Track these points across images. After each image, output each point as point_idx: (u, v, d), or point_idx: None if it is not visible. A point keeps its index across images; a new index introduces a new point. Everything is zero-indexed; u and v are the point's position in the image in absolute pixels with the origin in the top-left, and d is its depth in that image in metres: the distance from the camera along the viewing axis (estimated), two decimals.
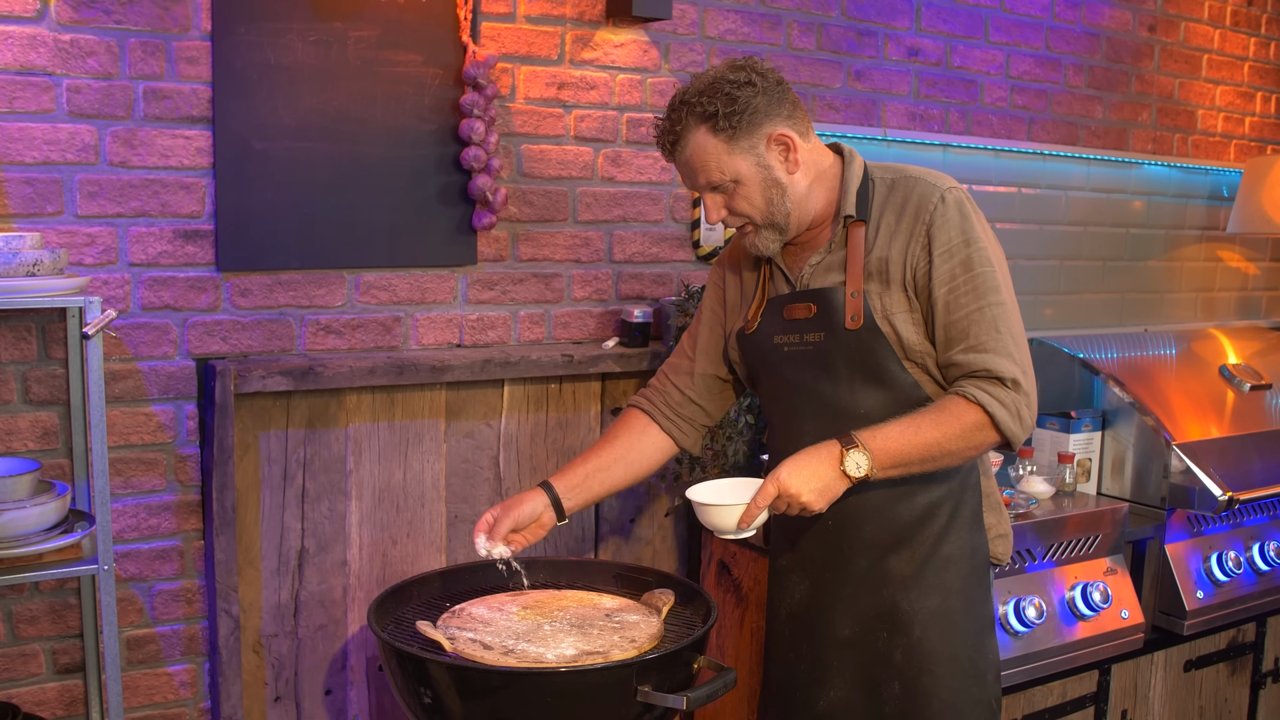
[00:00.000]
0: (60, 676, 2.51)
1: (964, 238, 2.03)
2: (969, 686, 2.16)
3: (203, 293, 2.57)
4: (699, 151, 2.07)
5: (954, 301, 2.02)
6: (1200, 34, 4.33)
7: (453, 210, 2.82)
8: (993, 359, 1.99)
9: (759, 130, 2.05)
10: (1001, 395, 1.98)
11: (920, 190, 2.08)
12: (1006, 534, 2.26)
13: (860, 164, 2.15)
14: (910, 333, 2.06)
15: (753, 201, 2.09)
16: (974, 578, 2.17)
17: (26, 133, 2.36)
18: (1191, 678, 3.41)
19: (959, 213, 2.05)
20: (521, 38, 2.89)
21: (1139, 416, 3.41)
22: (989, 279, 2.02)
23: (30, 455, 2.41)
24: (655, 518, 3.15)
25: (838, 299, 2.10)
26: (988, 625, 2.20)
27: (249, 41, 2.54)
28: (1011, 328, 2.02)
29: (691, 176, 2.13)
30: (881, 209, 2.11)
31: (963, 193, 2.09)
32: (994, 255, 2.06)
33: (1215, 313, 4.58)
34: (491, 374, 2.78)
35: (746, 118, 2.03)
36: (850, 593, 2.20)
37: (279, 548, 2.66)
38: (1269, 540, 3.54)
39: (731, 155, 2.05)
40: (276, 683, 2.69)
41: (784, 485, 1.97)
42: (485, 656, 2.13)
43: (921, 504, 2.14)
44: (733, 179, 2.07)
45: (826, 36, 3.37)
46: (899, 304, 2.06)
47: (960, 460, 2.04)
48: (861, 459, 1.97)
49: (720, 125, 2.03)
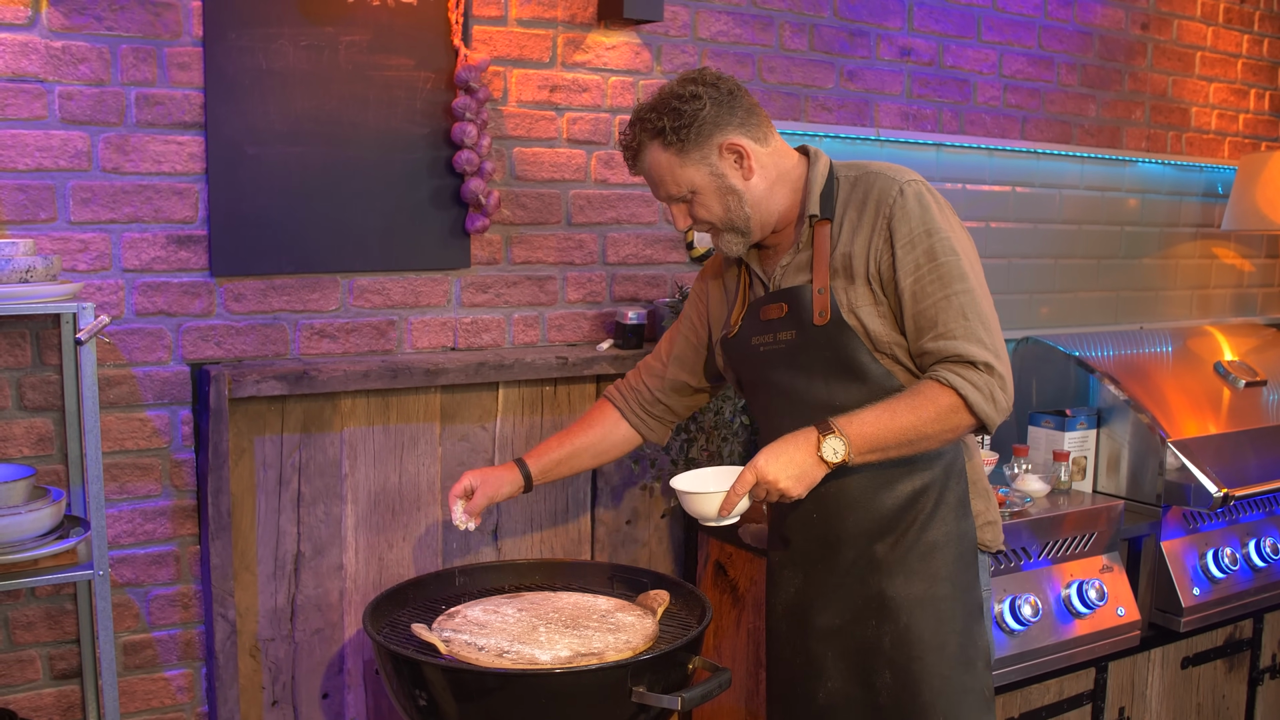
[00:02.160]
0: (57, 682, 2.52)
1: (925, 228, 2.06)
2: (959, 674, 2.17)
3: (196, 298, 2.57)
4: (655, 166, 2.16)
5: (920, 291, 2.05)
6: (1193, 31, 4.33)
7: (446, 214, 2.83)
8: (963, 344, 2.02)
9: (709, 141, 2.11)
10: (974, 378, 2.00)
11: (880, 184, 2.12)
12: (995, 521, 2.27)
13: (825, 164, 2.20)
14: (877, 325, 2.10)
15: (710, 209, 2.16)
16: (961, 564, 2.18)
17: (19, 140, 2.36)
18: (1189, 675, 3.41)
19: (919, 204, 2.08)
20: (513, 41, 2.89)
21: (1134, 414, 3.42)
22: (954, 267, 2.05)
23: (25, 461, 2.41)
24: (651, 519, 3.15)
25: (805, 296, 2.14)
26: (976, 612, 2.21)
27: (240, 47, 2.54)
28: (981, 313, 2.05)
29: (653, 188, 2.21)
30: (845, 206, 2.15)
31: (923, 185, 2.12)
32: (959, 243, 2.08)
33: (1210, 310, 4.59)
34: (486, 377, 2.79)
35: (694, 130, 2.09)
36: (838, 582, 2.22)
37: (275, 552, 2.67)
38: (1265, 536, 3.55)
39: (684, 168, 2.13)
40: (273, 687, 2.70)
41: (762, 472, 2.01)
42: (480, 659, 2.13)
43: (905, 491, 2.16)
44: (689, 189, 2.15)
45: (818, 37, 3.37)
46: (864, 298, 2.10)
47: (938, 444, 2.07)
48: (838, 444, 1.99)
49: (669, 140, 2.11)
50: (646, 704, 2.10)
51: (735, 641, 2.94)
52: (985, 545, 2.24)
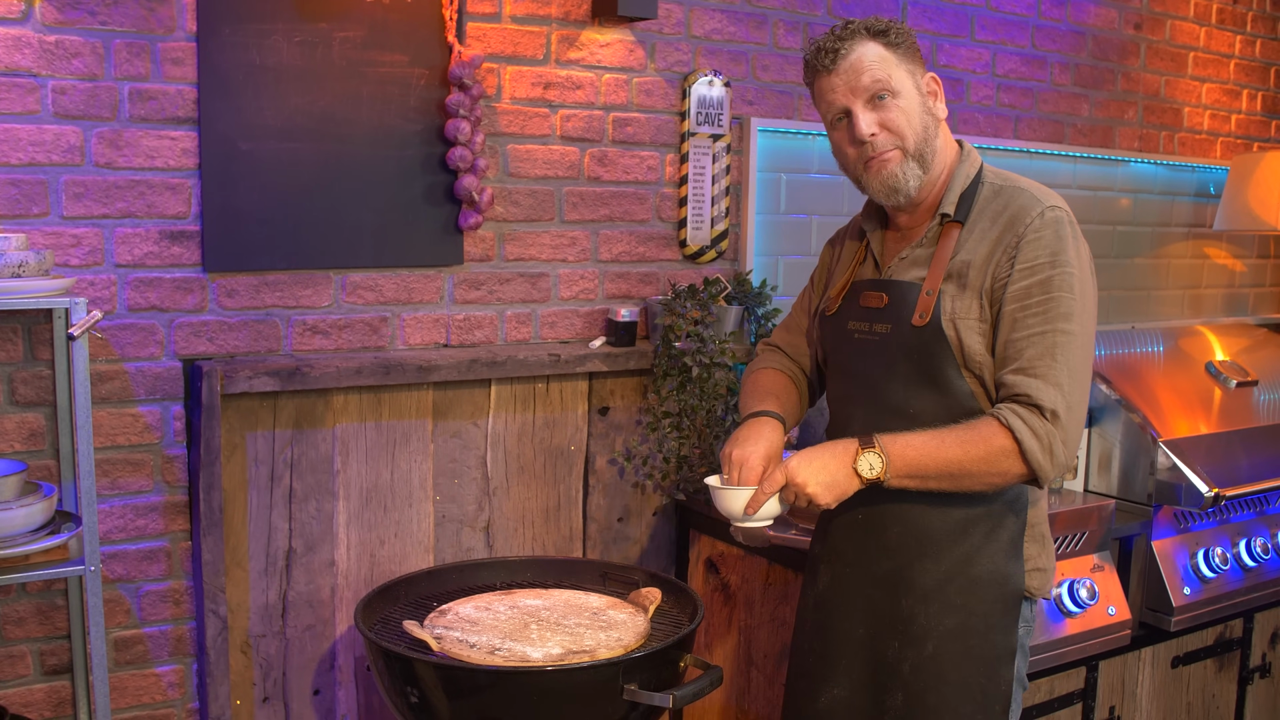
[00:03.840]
0: (48, 678, 2.51)
1: (1052, 258, 1.97)
2: (974, 714, 2.09)
3: (189, 293, 2.57)
4: (864, 58, 2.02)
5: (1020, 319, 1.96)
6: (1186, 31, 4.34)
7: (439, 210, 2.83)
8: (1039, 386, 1.92)
9: (919, 62, 2.07)
10: (1036, 425, 1.91)
11: (1022, 201, 2.04)
12: (1046, 569, 2.15)
13: (975, 164, 2.13)
14: (973, 341, 2.01)
15: (910, 118, 2.04)
16: (1001, 605, 2.09)
17: (12, 134, 2.36)
18: (1179, 674, 3.42)
19: (1054, 233, 1.99)
20: (507, 38, 2.89)
21: (1126, 414, 3.42)
22: (1064, 304, 1.95)
23: (17, 456, 2.41)
24: (644, 517, 3.15)
25: (912, 294, 2.06)
26: (1008, 657, 2.10)
27: (234, 42, 2.54)
28: (1071, 360, 1.94)
29: (852, 80, 2.03)
30: (980, 213, 2.07)
31: (1066, 214, 2.03)
32: (1080, 285, 1.99)
33: (1202, 310, 4.60)
34: (478, 374, 2.78)
35: (912, 46, 2.06)
36: (869, 594, 2.15)
37: (266, 548, 2.66)
38: (1255, 536, 3.55)
39: (899, 67, 2.03)
40: (265, 683, 2.70)
41: (792, 474, 1.95)
42: (472, 656, 2.14)
43: (956, 517, 2.07)
44: (896, 88, 2.03)
45: (812, 36, 3.37)
46: (969, 310, 2.01)
47: (982, 486, 1.97)
48: (875, 461, 1.93)
49: (893, 39, 2.03)
50: (638, 701, 2.10)
51: (727, 639, 2.94)
52: (1031, 591, 2.13)
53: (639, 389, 3.10)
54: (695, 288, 3.02)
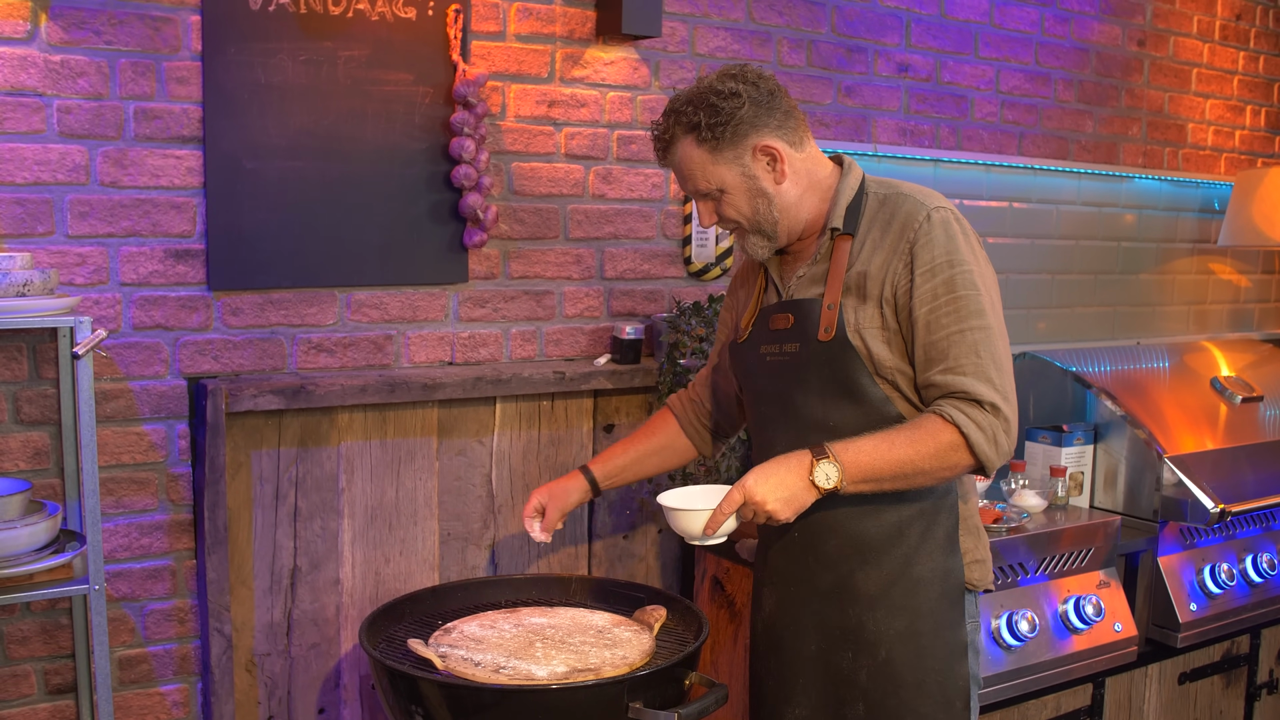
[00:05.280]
0: (52, 697, 2.51)
1: (948, 258, 2.01)
2: (937, 713, 2.12)
3: (194, 312, 2.57)
4: (686, 160, 2.11)
5: (935, 321, 2.00)
6: (1189, 48, 4.35)
7: (444, 228, 2.83)
8: (971, 382, 1.97)
9: (744, 142, 2.06)
10: (978, 418, 1.95)
11: (907, 207, 2.07)
12: (984, 560, 2.20)
13: (858, 176, 2.15)
14: (881, 349, 2.05)
15: (739, 209, 2.12)
16: (945, 601, 2.13)
17: (17, 153, 2.37)
18: (1186, 690, 3.41)
19: (944, 232, 2.03)
20: (512, 56, 2.90)
21: (1131, 429, 3.42)
22: (973, 302, 1.99)
23: (21, 475, 2.41)
24: (649, 534, 3.15)
25: (814, 310, 2.10)
26: (960, 651, 2.14)
27: (239, 61, 2.55)
28: (994, 353, 1.99)
29: (681, 182, 2.17)
30: (870, 223, 2.10)
31: (951, 213, 2.06)
32: (981, 278, 2.03)
33: (1207, 325, 4.60)
34: (483, 391, 2.78)
35: (730, 129, 2.05)
36: (816, 609, 2.18)
37: (271, 566, 2.66)
38: (1262, 552, 3.55)
39: (716, 165, 2.08)
40: (269, 702, 2.69)
41: (749, 492, 1.96)
42: (476, 674, 2.13)
43: (890, 521, 2.10)
44: (718, 188, 2.10)
45: (816, 53, 3.38)
46: (872, 319, 2.05)
47: (933, 480, 2.02)
48: (831, 470, 1.95)
49: (704, 136, 2.06)
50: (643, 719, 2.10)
51: (732, 657, 2.93)
52: (973, 584, 2.17)
53: (644, 406, 3.09)
54: (700, 305, 3.02)
